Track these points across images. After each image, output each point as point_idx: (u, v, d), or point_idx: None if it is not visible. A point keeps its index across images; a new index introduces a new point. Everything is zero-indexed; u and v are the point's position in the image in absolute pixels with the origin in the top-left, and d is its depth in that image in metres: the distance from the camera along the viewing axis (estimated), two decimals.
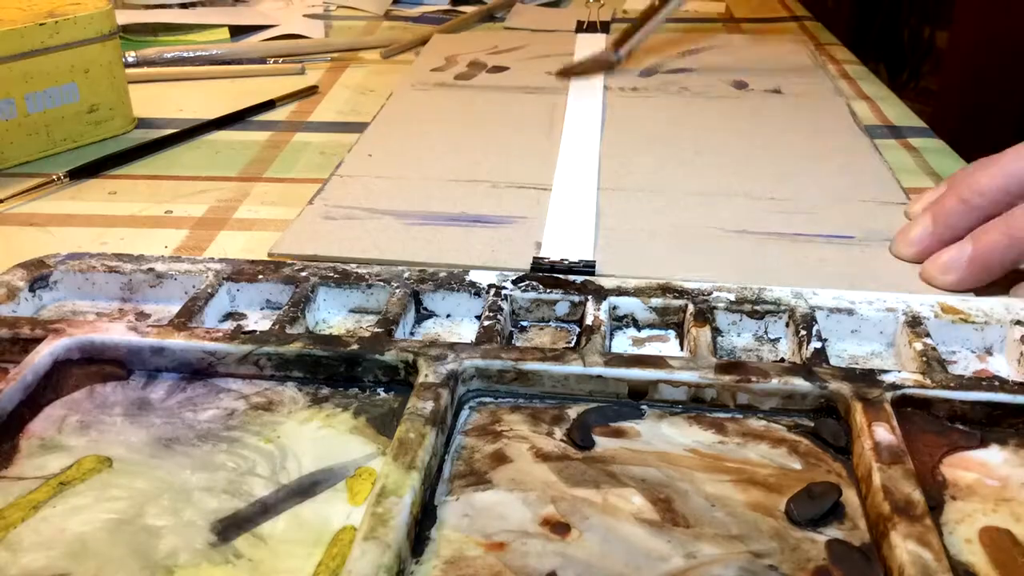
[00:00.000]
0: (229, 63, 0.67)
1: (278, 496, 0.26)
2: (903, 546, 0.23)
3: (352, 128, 0.55)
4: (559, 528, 0.25)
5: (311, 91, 0.62)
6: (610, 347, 0.33)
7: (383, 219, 0.42)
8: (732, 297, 0.34)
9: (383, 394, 0.30)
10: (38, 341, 0.31)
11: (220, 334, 0.31)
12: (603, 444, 0.28)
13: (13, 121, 0.49)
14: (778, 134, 0.53)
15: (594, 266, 0.38)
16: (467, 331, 0.35)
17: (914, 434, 0.28)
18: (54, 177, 0.47)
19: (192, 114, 0.57)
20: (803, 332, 0.32)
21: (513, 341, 0.34)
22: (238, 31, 0.75)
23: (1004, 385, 0.29)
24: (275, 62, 0.67)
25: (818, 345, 0.32)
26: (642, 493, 0.26)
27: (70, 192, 0.47)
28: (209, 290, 0.35)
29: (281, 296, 0.36)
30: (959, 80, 0.85)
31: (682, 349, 0.34)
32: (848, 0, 1.19)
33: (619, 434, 0.29)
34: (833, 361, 0.32)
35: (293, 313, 0.34)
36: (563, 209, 0.43)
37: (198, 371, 0.31)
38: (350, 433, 0.29)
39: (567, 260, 0.38)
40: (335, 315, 0.36)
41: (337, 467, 0.27)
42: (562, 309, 0.35)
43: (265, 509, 0.26)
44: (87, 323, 0.32)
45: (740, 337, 0.34)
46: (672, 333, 0.35)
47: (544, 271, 0.37)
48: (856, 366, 0.32)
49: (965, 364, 0.33)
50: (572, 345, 0.34)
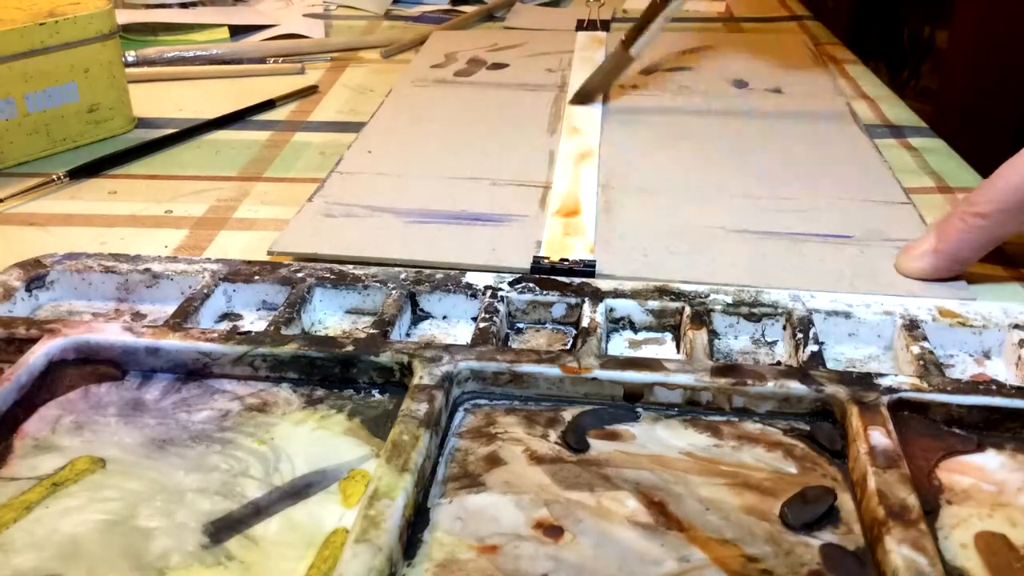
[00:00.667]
0: (229, 63, 0.67)
1: (271, 498, 0.26)
2: (897, 551, 0.23)
3: (352, 128, 0.55)
4: (552, 531, 0.25)
5: (311, 91, 0.62)
6: (606, 349, 0.33)
7: (383, 217, 0.42)
8: (729, 300, 0.34)
9: (378, 396, 0.30)
10: (33, 341, 0.31)
11: (215, 335, 0.31)
12: (598, 447, 0.28)
13: (13, 121, 0.49)
14: (778, 133, 0.53)
15: (594, 266, 0.38)
16: (463, 333, 0.35)
17: (910, 438, 0.28)
18: (54, 177, 0.47)
19: (192, 114, 0.57)
20: (800, 335, 0.32)
21: (509, 343, 0.34)
22: (238, 31, 0.75)
23: (1001, 389, 0.29)
24: (275, 62, 0.67)
25: (815, 348, 0.32)
26: (636, 496, 0.26)
27: (70, 192, 0.47)
28: (205, 291, 0.35)
29: (277, 297, 0.36)
30: (959, 80, 0.85)
31: (678, 352, 0.34)
32: None
33: (614, 437, 0.29)
34: (830, 364, 0.32)
35: (289, 314, 0.33)
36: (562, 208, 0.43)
37: (193, 372, 0.31)
38: (344, 435, 0.29)
39: (567, 260, 0.38)
40: (331, 316, 0.36)
41: (330, 469, 0.27)
42: (558, 311, 0.35)
43: (258, 511, 0.25)
44: (82, 323, 0.32)
45: (737, 340, 0.34)
46: (669, 336, 0.35)
47: (544, 271, 0.37)
48: (853, 370, 0.32)
49: (963, 368, 0.33)
50: (568, 348, 0.34)
